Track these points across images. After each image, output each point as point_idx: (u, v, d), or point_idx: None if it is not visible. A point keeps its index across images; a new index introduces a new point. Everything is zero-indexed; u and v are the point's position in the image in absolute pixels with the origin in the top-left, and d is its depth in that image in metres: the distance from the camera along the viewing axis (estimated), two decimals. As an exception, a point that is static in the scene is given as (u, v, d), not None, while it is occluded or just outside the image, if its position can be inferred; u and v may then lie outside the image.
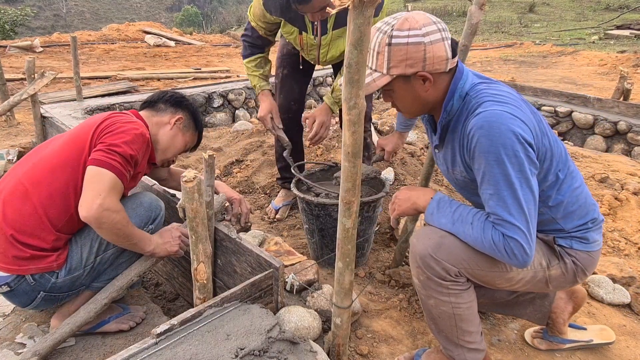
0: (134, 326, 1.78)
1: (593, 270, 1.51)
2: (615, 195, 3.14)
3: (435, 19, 1.30)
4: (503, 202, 1.24)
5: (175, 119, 1.81)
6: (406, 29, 1.26)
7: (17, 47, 8.88)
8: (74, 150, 1.56)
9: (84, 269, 1.60)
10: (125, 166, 1.53)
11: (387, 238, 2.59)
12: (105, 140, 1.53)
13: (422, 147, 3.71)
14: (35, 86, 3.66)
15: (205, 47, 11.11)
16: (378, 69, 1.32)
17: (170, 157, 1.87)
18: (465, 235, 1.35)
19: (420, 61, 1.28)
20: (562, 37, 15.21)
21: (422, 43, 1.26)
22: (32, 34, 18.33)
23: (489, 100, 1.30)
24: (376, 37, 1.30)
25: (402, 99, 1.40)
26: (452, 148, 1.43)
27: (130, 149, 1.54)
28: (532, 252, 1.26)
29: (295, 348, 1.33)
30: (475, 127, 1.26)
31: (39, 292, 1.56)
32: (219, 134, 4.63)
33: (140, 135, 1.59)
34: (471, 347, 1.49)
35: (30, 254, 1.50)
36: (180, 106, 1.85)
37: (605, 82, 7.78)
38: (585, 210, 1.44)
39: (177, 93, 1.89)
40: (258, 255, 1.57)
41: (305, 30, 2.32)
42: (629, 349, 1.84)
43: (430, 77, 1.31)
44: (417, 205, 1.51)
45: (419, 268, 1.42)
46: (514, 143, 1.22)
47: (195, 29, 21.45)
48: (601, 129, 4.74)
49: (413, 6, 11.02)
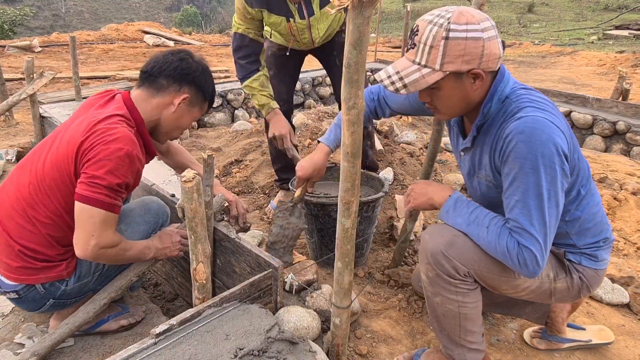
0: (133, 322, 1.78)
1: (597, 288, 1.51)
2: (614, 195, 3.14)
3: (486, 15, 1.25)
4: (527, 210, 1.22)
5: (181, 99, 1.59)
6: (464, 22, 1.19)
7: (16, 47, 8.87)
8: (63, 174, 1.46)
9: (93, 275, 1.60)
10: (113, 196, 1.43)
11: (386, 238, 2.60)
12: (87, 170, 1.40)
13: (421, 147, 3.71)
14: (34, 86, 3.66)
15: (205, 47, 11.11)
16: (429, 65, 1.24)
17: (175, 136, 1.72)
18: (479, 238, 1.33)
19: (477, 58, 1.22)
20: (561, 37, 15.23)
21: (482, 39, 1.20)
22: (31, 34, 18.31)
23: (531, 106, 1.26)
24: (429, 30, 1.22)
25: (446, 98, 1.32)
26: (480, 151, 1.40)
27: (115, 178, 1.41)
28: (543, 265, 1.25)
29: (295, 348, 1.33)
30: (515, 132, 1.22)
31: (49, 299, 1.56)
32: (218, 134, 4.63)
33: (125, 156, 1.42)
34: (472, 347, 1.49)
35: (41, 266, 1.50)
36: (185, 81, 1.59)
37: (604, 82, 7.79)
38: (600, 228, 1.44)
39: (181, 62, 1.60)
40: (257, 255, 1.57)
41: (292, 16, 2.27)
42: (628, 349, 1.84)
43: (484, 75, 1.25)
44: (433, 200, 1.49)
45: (428, 264, 1.41)
46: (552, 154, 1.20)
47: (195, 29, 21.45)
48: (600, 129, 4.74)
49: (412, 6, 10.99)
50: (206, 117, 5.15)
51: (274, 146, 2.55)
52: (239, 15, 2.27)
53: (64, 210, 1.48)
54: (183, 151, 2.02)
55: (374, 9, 1.04)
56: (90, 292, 1.65)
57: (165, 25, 18.73)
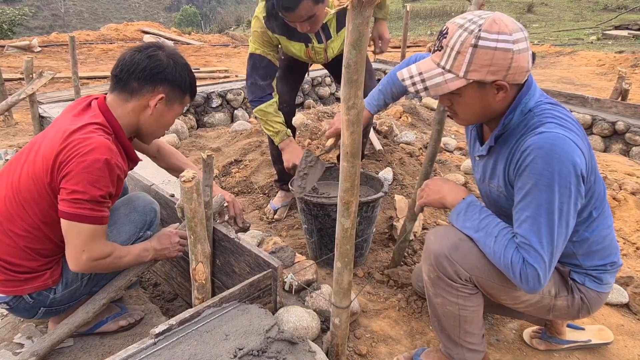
0: (132, 322, 1.77)
1: (596, 311, 1.50)
2: (614, 195, 3.14)
3: (520, 25, 1.20)
4: (537, 228, 1.21)
5: (156, 100, 1.51)
6: (495, 31, 1.15)
7: (15, 47, 8.86)
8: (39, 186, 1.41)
9: (82, 280, 1.59)
10: (98, 208, 1.39)
11: (385, 238, 2.59)
12: (66, 186, 1.36)
13: (421, 147, 3.71)
14: (33, 86, 3.65)
15: (204, 47, 11.10)
16: (453, 70, 1.21)
17: (159, 135, 1.67)
18: (485, 246, 1.32)
19: (504, 69, 1.18)
20: (561, 38, 15.23)
21: (511, 50, 1.16)
22: (30, 34, 18.29)
23: (554, 122, 1.24)
24: (458, 35, 1.19)
25: (467, 106, 1.30)
26: (495, 161, 1.38)
27: (97, 190, 1.37)
28: (545, 283, 1.24)
29: (294, 348, 1.33)
30: (534, 146, 1.20)
31: (39, 307, 1.56)
32: (218, 134, 4.63)
33: (104, 166, 1.37)
34: (471, 347, 1.49)
35: (24, 277, 1.48)
36: (158, 80, 1.50)
37: (603, 82, 7.79)
38: (608, 252, 1.42)
39: (150, 59, 1.49)
40: (257, 255, 1.57)
41: (310, 42, 2.33)
42: (627, 349, 1.84)
43: (508, 87, 1.22)
44: (445, 200, 1.47)
45: (431, 266, 1.41)
46: (569, 173, 1.17)
47: (194, 29, 21.43)
48: (599, 129, 4.74)
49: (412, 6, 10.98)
50: (205, 117, 5.14)
51: (274, 146, 2.55)
52: (257, 38, 2.31)
53: (41, 222, 1.45)
54: (175, 153, 1.97)
55: (373, 9, 1.04)
56: (84, 297, 1.64)
57: (165, 25, 18.71)
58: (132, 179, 2.11)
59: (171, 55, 1.54)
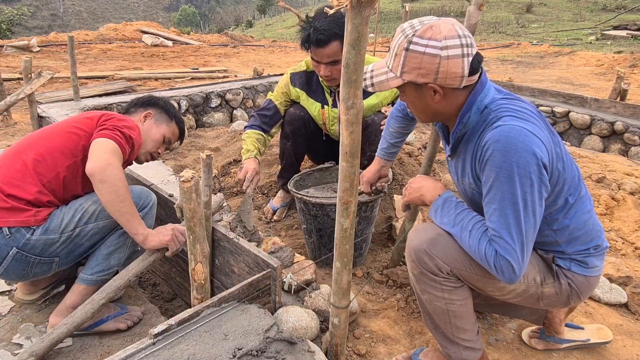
0: (131, 325, 1.77)
1: (588, 296, 1.50)
2: (612, 195, 3.15)
3: (463, 32, 1.25)
4: (505, 220, 1.23)
5: (144, 114, 1.96)
6: (427, 37, 1.22)
7: (14, 47, 8.86)
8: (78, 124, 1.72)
9: (61, 235, 1.60)
10: (125, 143, 1.65)
11: (384, 238, 2.60)
12: (107, 124, 1.68)
13: (420, 147, 3.71)
14: (32, 86, 3.65)
15: (203, 47, 11.10)
16: (393, 70, 1.31)
17: (150, 149, 1.95)
18: (461, 240, 1.35)
19: (432, 73, 1.25)
20: (560, 38, 15.26)
21: (438, 56, 1.22)
22: (29, 34, 18.28)
23: (509, 115, 1.27)
24: (398, 38, 1.28)
25: (412, 104, 1.40)
26: (463, 159, 1.42)
27: (130, 132, 1.69)
28: (521, 273, 1.26)
29: (293, 348, 1.33)
30: (492, 140, 1.23)
31: (12, 247, 1.54)
32: (217, 133, 4.63)
33: (136, 127, 1.77)
34: (467, 345, 1.49)
35: (10, 205, 1.53)
36: (148, 105, 2.01)
37: (602, 83, 7.80)
38: (590, 236, 1.43)
39: (146, 96, 2.07)
40: (256, 255, 1.57)
41: (327, 104, 2.50)
42: (626, 349, 1.84)
43: (440, 90, 1.28)
44: (424, 197, 1.52)
45: (413, 262, 1.43)
46: (529, 163, 1.19)
47: (193, 29, 21.43)
48: (598, 129, 4.75)
49: (411, 6, 11.00)
50: (204, 117, 5.14)
51: (284, 143, 2.63)
52: (278, 89, 2.60)
53: (61, 150, 1.65)
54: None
55: (373, 9, 1.04)
56: (56, 260, 1.64)
57: (164, 25, 18.71)
58: (132, 178, 2.12)
59: (164, 99, 2.08)
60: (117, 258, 1.72)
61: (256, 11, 57.33)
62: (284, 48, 12.91)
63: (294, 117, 2.55)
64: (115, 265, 1.73)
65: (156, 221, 2.03)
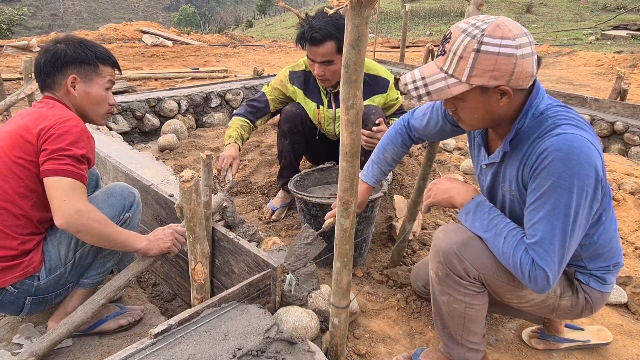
0: (132, 322, 1.77)
1: (598, 310, 1.50)
2: (612, 195, 3.15)
3: (525, 29, 1.18)
4: (551, 230, 1.20)
5: (69, 82, 1.61)
6: (498, 36, 1.13)
7: (13, 47, 8.86)
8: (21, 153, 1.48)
9: (65, 266, 1.59)
10: (78, 166, 1.47)
11: (385, 238, 2.60)
12: (49, 146, 1.45)
13: (420, 147, 3.71)
14: (32, 86, 3.65)
15: (203, 47, 11.10)
16: (456, 75, 1.19)
17: (101, 112, 1.71)
18: (494, 246, 1.32)
19: (507, 75, 1.16)
20: (559, 38, 15.26)
21: (514, 55, 1.13)
22: (29, 34, 18.29)
23: (568, 123, 1.22)
24: (461, 40, 1.17)
25: (471, 111, 1.28)
26: (506, 165, 1.37)
27: (78, 149, 1.47)
28: (553, 284, 1.24)
29: (293, 348, 1.33)
30: (553, 148, 1.18)
31: (25, 297, 1.55)
32: (217, 133, 4.62)
33: (82, 130, 1.51)
34: (472, 347, 1.50)
35: (2, 267, 1.48)
36: (61, 67, 1.60)
37: (602, 83, 7.80)
38: (612, 254, 1.43)
39: (46, 54, 1.61)
40: (256, 255, 1.57)
41: (322, 104, 2.51)
42: (626, 349, 1.84)
43: (512, 92, 1.20)
44: (454, 200, 1.46)
45: (439, 263, 1.40)
46: (588, 176, 1.16)
47: (193, 29, 21.44)
48: (598, 129, 4.75)
49: (411, 6, 11.02)
50: (204, 117, 5.14)
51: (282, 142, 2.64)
52: (274, 83, 2.60)
53: (15, 194, 1.48)
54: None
55: (373, 9, 1.04)
56: (71, 285, 1.64)
57: (164, 25, 18.72)
58: (132, 178, 2.11)
59: (63, 41, 1.64)
60: (113, 260, 1.73)
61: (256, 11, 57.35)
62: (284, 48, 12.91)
63: (291, 114, 2.56)
64: (111, 267, 1.74)
65: (156, 221, 2.03)
